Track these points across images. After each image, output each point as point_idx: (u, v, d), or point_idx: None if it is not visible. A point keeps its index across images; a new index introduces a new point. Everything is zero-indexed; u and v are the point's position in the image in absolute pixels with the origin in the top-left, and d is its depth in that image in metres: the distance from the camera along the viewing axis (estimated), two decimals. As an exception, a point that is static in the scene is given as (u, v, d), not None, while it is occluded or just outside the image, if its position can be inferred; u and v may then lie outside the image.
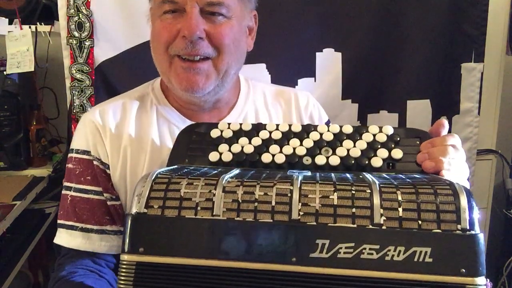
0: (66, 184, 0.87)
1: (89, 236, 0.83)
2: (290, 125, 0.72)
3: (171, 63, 0.82)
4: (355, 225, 0.49)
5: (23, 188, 1.39)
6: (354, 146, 0.68)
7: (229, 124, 0.73)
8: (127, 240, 0.52)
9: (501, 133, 1.59)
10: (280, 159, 0.67)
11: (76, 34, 1.35)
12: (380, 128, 0.70)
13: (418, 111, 1.48)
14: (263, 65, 1.41)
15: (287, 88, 1.03)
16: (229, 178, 0.54)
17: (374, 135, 0.69)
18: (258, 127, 0.72)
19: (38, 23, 1.44)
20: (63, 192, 0.87)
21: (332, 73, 1.45)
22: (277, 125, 0.72)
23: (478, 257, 0.47)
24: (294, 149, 0.69)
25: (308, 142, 0.69)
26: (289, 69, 1.43)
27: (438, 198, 0.50)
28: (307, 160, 0.67)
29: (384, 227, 0.49)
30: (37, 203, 1.54)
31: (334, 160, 0.67)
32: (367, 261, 0.48)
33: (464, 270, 0.47)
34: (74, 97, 1.39)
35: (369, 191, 0.51)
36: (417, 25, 1.42)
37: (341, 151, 0.68)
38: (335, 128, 0.71)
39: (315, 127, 0.72)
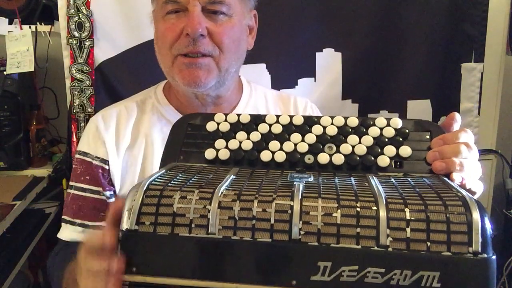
0: (70, 183, 0.93)
1: (84, 231, 0.88)
2: (291, 117, 0.67)
3: (174, 62, 0.85)
4: (359, 246, 0.46)
5: (23, 188, 1.39)
6: (360, 143, 0.64)
7: (226, 115, 0.68)
8: None
9: (501, 133, 1.58)
10: (280, 157, 0.63)
11: (76, 34, 1.35)
12: (388, 120, 0.66)
13: (419, 111, 1.47)
14: (263, 65, 1.41)
15: (286, 93, 1.06)
16: (224, 190, 0.50)
17: (381, 129, 0.65)
18: (257, 119, 0.67)
19: (38, 23, 1.44)
20: (68, 190, 0.93)
21: (332, 73, 1.45)
22: (278, 117, 0.67)
23: (489, 282, 0.44)
24: (295, 145, 0.64)
25: (311, 137, 0.65)
26: (289, 69, 1.43)
27: (450, 217, 0.46)
28: (309, 159, 0.63)
29: (390, 249, 0.45)
30: (37, 203, 1.54)
31: (338, 159, 0.63)
32: (371, 285, 0.45)
33: None
34: (74, 97, 1.39)
35: (375, 208, 0.47)
36: (417, 25, 1.42)
37: (345, 148, 0.63)
38: (339, 120, 0.66)
39: (318, 119, 0.66)
